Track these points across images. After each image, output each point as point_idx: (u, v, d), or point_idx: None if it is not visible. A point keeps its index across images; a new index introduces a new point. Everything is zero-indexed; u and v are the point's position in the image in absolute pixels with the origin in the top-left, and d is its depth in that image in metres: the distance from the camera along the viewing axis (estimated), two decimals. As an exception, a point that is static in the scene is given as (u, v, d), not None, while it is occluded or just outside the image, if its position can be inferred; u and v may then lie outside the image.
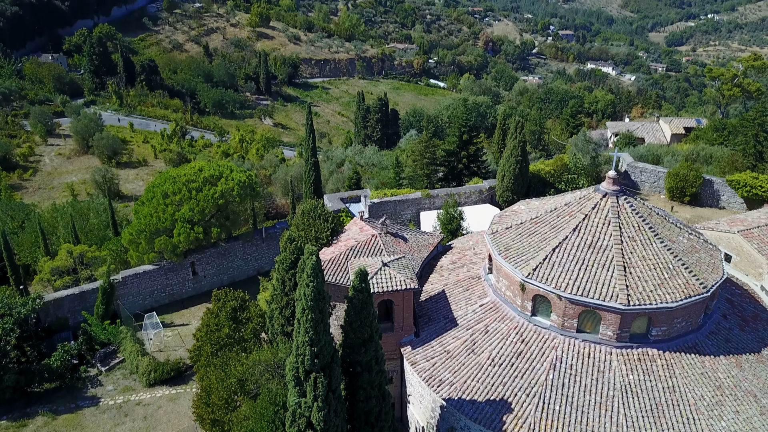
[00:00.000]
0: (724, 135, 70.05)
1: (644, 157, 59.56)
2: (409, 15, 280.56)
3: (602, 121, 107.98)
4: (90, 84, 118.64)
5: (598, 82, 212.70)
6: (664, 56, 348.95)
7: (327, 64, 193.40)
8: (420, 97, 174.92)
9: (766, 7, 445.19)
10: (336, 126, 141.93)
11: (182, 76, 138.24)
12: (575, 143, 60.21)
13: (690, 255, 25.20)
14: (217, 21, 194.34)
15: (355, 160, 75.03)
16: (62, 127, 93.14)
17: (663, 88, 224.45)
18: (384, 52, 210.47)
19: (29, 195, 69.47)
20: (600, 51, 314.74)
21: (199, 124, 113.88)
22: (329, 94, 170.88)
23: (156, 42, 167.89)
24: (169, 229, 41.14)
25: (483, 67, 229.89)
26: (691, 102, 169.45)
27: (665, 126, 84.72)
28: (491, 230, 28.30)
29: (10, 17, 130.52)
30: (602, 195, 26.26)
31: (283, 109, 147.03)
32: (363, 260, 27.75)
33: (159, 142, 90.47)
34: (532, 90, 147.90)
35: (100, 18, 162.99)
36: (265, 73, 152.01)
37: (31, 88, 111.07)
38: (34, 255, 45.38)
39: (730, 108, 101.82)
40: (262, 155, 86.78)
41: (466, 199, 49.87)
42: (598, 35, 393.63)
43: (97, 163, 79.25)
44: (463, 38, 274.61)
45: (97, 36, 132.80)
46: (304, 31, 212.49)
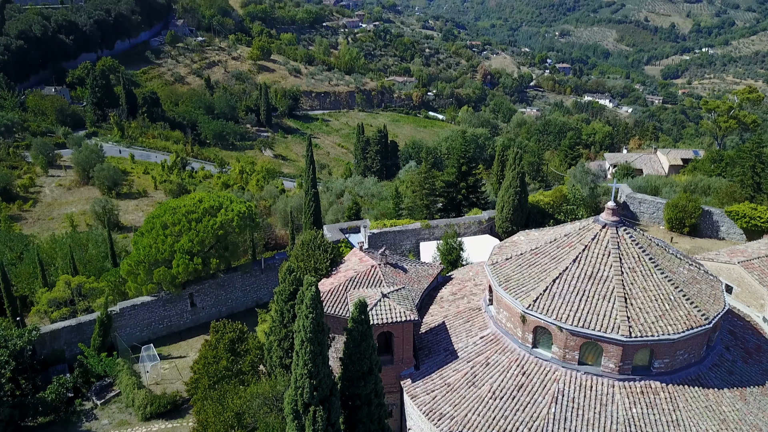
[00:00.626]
0: (721, 166, 70.40)
1: (643, 188, 59.77)
2: (408, 49, 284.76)
3: (600, 153, 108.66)
4: (92, 116, 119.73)
5: (595, 114, 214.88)
6: (660, 89, 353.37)
7: (327, 97, 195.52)
8: (419, 129, 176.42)
9: (759, 41, 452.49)
10: (336, 157, 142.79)
11: (183, 108, 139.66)
12: (574, 174, 60.49)
13: (691, 286, 25.08)
14: (218, 54, 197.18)
15: (354, 191, 75.25)
16: (63, 158, 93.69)
17: (660, 120, 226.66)
18: (383, 85, 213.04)
19: (29, 226, 69.45)
20: (597, 84, 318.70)
21: (200, 155, 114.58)
22: (329, 126, 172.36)
23: (158, 75, 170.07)
24: (168, 260, 40.99)
25: (481, 99, 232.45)
26: (687, 134, 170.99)
27: (663, 157, 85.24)
28: (491, 261, 28.23)
29: (15, 51, 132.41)
30: (602, 226, 26.27)
31: (284, 140, 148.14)
32: (362, 291, 27.59)
33: (159, 173, 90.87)
34: (530, 122, 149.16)
35: (103, 51, 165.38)
36: (265, 105, 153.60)
37: (34, 120, 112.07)
38: (32, 286, 45.12)
39: (727, 140, 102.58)
40: (262, 186, 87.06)
41: (465, 230, 49.86)
42: (595, 68, 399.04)
43: (97, 194, 79.45)
44: (462, 71, 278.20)
45: (100, 69, 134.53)
46: (305, 64, 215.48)
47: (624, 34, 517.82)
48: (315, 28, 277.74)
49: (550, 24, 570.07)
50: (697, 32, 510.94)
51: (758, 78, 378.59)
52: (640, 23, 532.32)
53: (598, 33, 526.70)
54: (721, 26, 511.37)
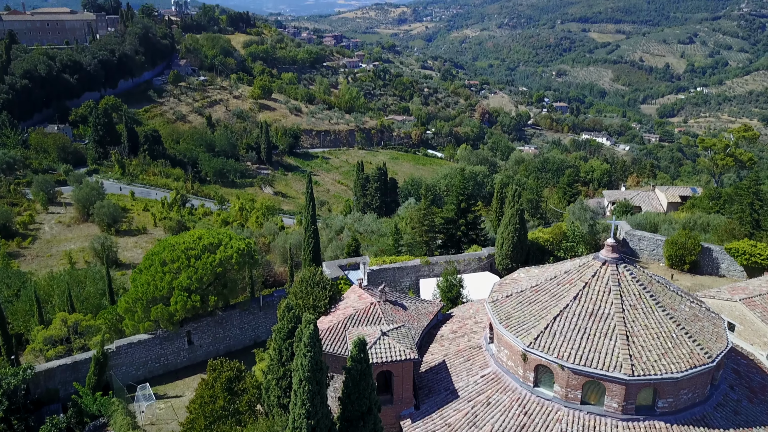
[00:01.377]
0: (720, 203, 70.65)
1: (642, 225, 59.84)
2: (407, 88, 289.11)
3: (599, 190, 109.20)
4: (93, 153, 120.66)
5: (593, 151, 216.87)
6: (656, 127, 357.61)
7: (327, 135, 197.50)
8: (418, 166, 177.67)
9: (753, 81, 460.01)
10: (335, 194, 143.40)
11: (184, 145, 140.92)
12: (573, 211, 60.66)
13: (693, 324, 24.87)
14: (220, 93, 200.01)
15: (354, 228, 75.28)
16: (64, 195, 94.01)
17: (657, 157, 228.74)
18: (383, 124, 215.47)
19: (27, 263, 69.21)
20: (594, 122, 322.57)
21: (200, 192, 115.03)
22: (329, 163, 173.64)
23: (160, 113, 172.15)
24: (166, 298, 40.72)
25: (480, 137, 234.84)
26: (685, 171, 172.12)
27: (661, 194, 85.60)
28: (491, 298, 28.05)
29: (20, 90, 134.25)
30: (602, 263, 26.20)
31: (284, 178, 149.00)
32: (361, 329, 27.33)
33: (159, 210, 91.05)
34: (529, 159, 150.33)
35: (106, 90, 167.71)
36: (266, 143, 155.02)
37: (36, 157, 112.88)
38: (28, 324, 44.70)
39: (724, 177, 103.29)
40: (262, 223, 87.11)
41: (465, 267, 49.70)
42: (592, 107, 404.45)
43: (96, 231, 79.42)
44: (460, 110, 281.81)
45: (102, 107, 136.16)
46: (306, 103, 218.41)
47: (620, 74, 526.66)
48: (315, 68, 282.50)
49: (547, 64, 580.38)
50: (692, 72, 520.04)
51: (753, 116, 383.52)
52: (635, 63, 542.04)
53: (594, 73, 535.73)
54: (715, 66, 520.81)
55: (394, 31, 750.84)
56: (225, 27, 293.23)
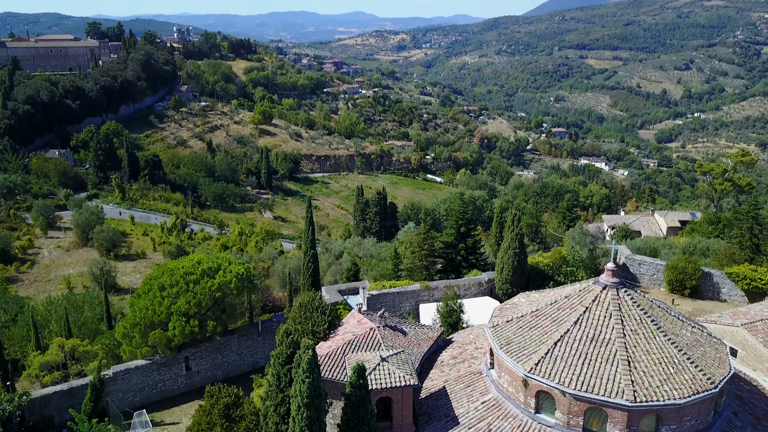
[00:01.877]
0: (719, 228, 70.64)
1: (642, 249, 59.77)
2: (407, 114, 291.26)
3: (598, 215, 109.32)
4: (94, 178, 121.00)
5: (592, 176, 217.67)
6: (654, 152, 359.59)
7: (327, 160, 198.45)
8: (417, 191, 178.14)
9: (749, 106, 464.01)
10: (335, 219, 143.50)
11: (185, 170, 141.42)
12: (572, 236, 60.62)
13: (695, 349, 24.68)
14: (221, 118, 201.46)
15: (353, 252, 75.17)
16: (63, 220, 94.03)
17: (656, 182, 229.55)
18: (383, 149, 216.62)
19: (25, 288, 68.92)
20: (592, 147, 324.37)
21: (200, 217, 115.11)
22: (329, 188, 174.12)
23: (161, 138, 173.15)
24: (165, 323, 40.47)
25: (479, 162, 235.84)
26: (684, 196, 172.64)
27: (660, 219, 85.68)
28: (492, 323, 27.88)
29: (22, 115, 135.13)
30: (602, 287, 26.10)
31: (284, 202, 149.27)
32: (361, 355, 27.10)
33: (159, 234, 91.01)
34: (528, 184, 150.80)
35: (108, 116, 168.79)
36: (266, 168, 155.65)
37: (36, 182, 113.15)
38: (25, 349, 44.34)
39: (723, 202, 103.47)
40: (261, 248, 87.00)
41: (465, 292, 49.49)
42: (590, 132, 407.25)
43: (95, 255, 79.25)
44: (459, 135, 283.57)
45: (104, 132, 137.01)
46: (306, 128, 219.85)
47: (617, 100, 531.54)
48: (316, 94, 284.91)
49: (545, 90, 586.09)
50: (689, 98, 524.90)
51: (750, 142, 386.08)
52: (633, 89, 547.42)
53: (592, 99, 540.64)
54: (711, 92, 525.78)
55: (393, 57, 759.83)
56: (226, 54, 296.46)
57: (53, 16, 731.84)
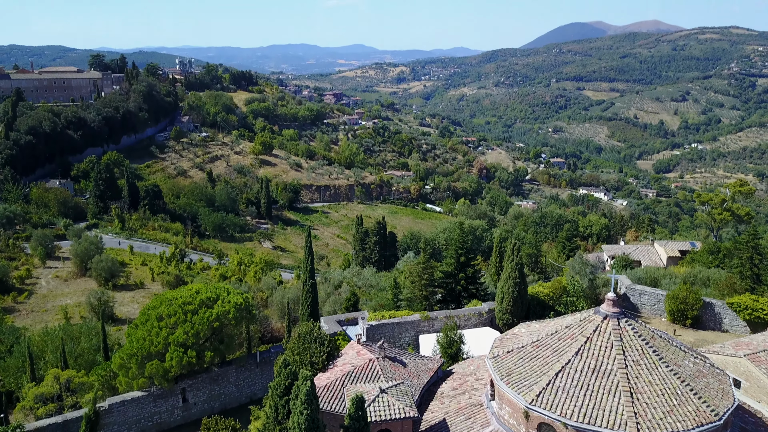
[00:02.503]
0: (719, 258, 70.48)
1: (642, 279, 59.53)
2: (406, 145, 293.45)
3: (598, 245, 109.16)
4: (94, 208, 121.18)
5: (591, 206, 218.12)
6: (653, 182, 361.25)
7: (327, 190, 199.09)
8: (417, 220, 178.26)
9: (746, 137, 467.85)
10: (335, 248, 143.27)
11: (185, 200, 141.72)
12: (572, 266, 60.43)
13: (698, 380, 24.39)
14: (221, 149, 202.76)
15: (352, 282, 74.86)
16: (62, 249, 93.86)
17: (655, 212, 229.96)
18: (382, 179, 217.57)
19: (22, 318, 68.43)
20: (591, 177, 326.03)
21: (199, 247, 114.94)
22: (329, 218, 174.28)
23: (162, 168, 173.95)
24: (162, 353, 40.06)
25: (478, 192, 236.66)
26: (683, 226, 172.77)
27: (660, 249, 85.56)
28: (492, 354, 27.60)
29: (24, 146, 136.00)
30: (603, 317, 25.92)
31: (283, 232, 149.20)
32: (360, 386, 26.77)
33: (157, 264, 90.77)
34: (527, 214, 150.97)
35: (109, 146, 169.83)
36: (266, 198, 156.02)
37: (36, 212, 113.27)
38: (19, 381, 43.80)
39: (722, 232, 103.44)
40: (260, 278, 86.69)
41: (465, 322, 49.12)
42: (588, 163, 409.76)
43: (94, 285, 78.91)
44: (458, 166, 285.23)
45: (105, 163, 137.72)
46: (306, 158, 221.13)
47: (615, 131, 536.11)
48: (316, 125, 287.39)
49: (543, 121, 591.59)
50: (686, 129, 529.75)
51: (748, 172, 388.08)
52: (630, 120, 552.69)
53: (590, 129, 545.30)
54: (708, 123, 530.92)
55: (393, 89, 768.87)
56: (228, 85, 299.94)
57: (57, 48, 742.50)
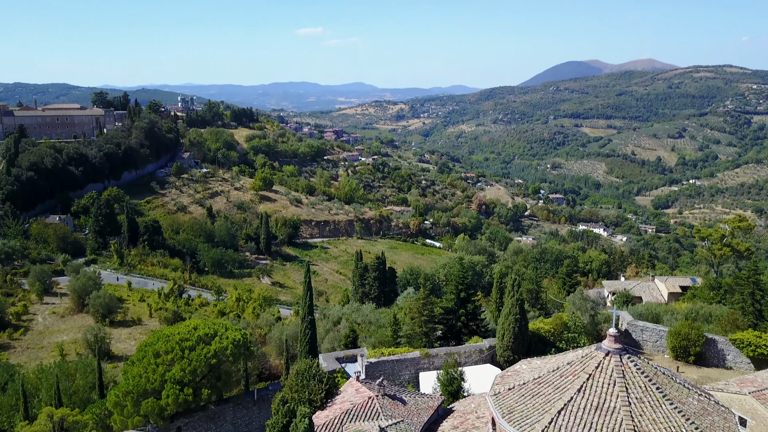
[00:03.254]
0: (720, 293, 70.13)
1: (643, 315, 59.09)
2: (406, 180, 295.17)
3: (598, 281, 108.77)
4: (93, 243, 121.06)
5: (590, 242, 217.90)
6: (652, 218, 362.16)
7: (327, 225, 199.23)
8: (417, 256, 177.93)
9: (743, 173, 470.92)
10: (334, 284, 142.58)
11: (184, 236, 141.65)
12: (573, 302, 60.12)
13: (702, 418, 23.98)
14: (222, 185, 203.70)
15: (352, 318, 74.25)
16: (60, 285, 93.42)
17: (655, 248, 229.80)
18: (382, 214, 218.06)
19: (17, 355, 67.65)
20: (590, 213, 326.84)
21: (197, 283, 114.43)
22: (328, 253, 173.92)
23: (162, 204, 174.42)
24: (158, 391, 39.44)
25: (477, 228, 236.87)
26: (683, 262, 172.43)
27: (661, 285, 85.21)
28: (493, 391, 27.20)
29: (25, 182, 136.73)
30: (605, 353, 25.63)
31: (282, 268, 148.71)
32: (359, 425, 26.31)
33: (155, 300, 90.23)
34: (527, 250, 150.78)
35: (110, 182, 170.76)
36: (265, 234, 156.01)
37: (35, 247, 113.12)
38: (12, 419, 43.01)
39: (723, 267, 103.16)
40: (258, 314, 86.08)
41: (466, 359, 48.55)
42: (587, 199, 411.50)
43: (90, 322, 78.26)
44: (457, 201, 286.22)
45: (105, 198, 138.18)
46: (306, 194, 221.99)
47: (613, 167, 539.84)
48: (316, 161, 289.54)
49: (542, 157, 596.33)
50: (683, 165, 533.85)
51: (746, 208, 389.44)
52: (628, 156, 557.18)
53: (588, 165, 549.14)
54: (705, 159, 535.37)
55: (392, 126, 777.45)
56: (229, 122, 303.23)
57: (62, 86, 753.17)
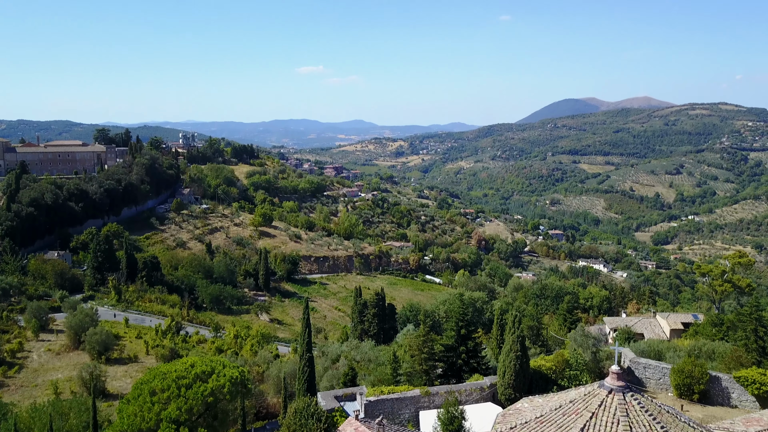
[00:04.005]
0: (723, 330, 69.55)
1: (646, 352, 58.43)
2: (405, 216, 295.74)
3: (599, 317, 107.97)
4: (91, 279, 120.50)
5: (591, 278, 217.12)
6: (652, 254, 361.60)
7: (326, 261, 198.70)
8: (416, 292, 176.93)
9: (742, 209, 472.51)
10: (332, 321, 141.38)
11: (183, 272, 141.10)
12: (574, 338, 59.50)
13: (709, 458, 23.47)
14: (221, 221, 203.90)
15: (351, 356, 73.38)
16: (56, 322, 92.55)
17: (655, 284, 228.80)
18: (381, 250, 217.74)
19: (10, 393, 66.58)
20: (590, 249, 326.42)
21: (195, 319, 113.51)
22: (327, 289, 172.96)
23: (161, 240, 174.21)
24: (153, 430, 38.69)
25: (477, 264, 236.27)
26: (684, 298, 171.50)
27: (663, 321, 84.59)
28: (495, 431, 26.69)
29: (25, 217, 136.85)
30: (608, 391, 25.24)
31: (281, 304, 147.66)
32: (358, 465, 25.72)
33: (152, 337, 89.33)
34: (527, 286, 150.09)
35: (110, 217, 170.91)
36: (264, 270, 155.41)
37: (33, 283, 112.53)
38: (4, 460, 42.12)
39: (724, 304, 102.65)
40: (256, 351, 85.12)
41: (467, 397, 47.79)
42: (587, 234, 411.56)
43: (86, 359, 77.26)
44: (457, 237, 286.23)
45: (104, 234, 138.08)
46: (305, 230, 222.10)
47: (612, 203, 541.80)
48: (316, 197, 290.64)
49: (540, 193, 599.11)
50: (682, 201, 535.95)
51: (746, 244, 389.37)
52: (626, 192, 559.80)
53: (587, 201, 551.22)
54: (704, 196, 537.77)
55: (392, 162, 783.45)
56: (229, 158, 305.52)
57: (64, 123, 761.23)
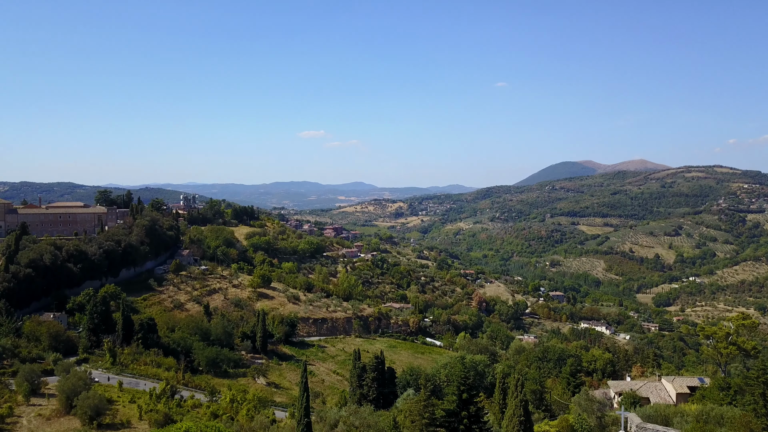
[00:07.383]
0: (731, 394, 68.13)
1: (652, 417, 56.98)
2: (405, 277, 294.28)
3: (603, 381, 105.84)
4: (86, 342, 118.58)
5: (593, 340, 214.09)
6: (654, 316, 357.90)
7: (324, 323, 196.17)
8: (416, 355, 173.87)
9: (743, 270, 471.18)
10: (330, 385, 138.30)
11: (179, 334, 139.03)
12: (578, 403, 58.22)
13: None
14: (220, 282, 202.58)
15: (349, 421, 71.40)
16: (49, 385, 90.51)
17: (659, 347, 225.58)
18: (380, 311, 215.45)
19: (-3, 461, 64.40)
20: (591, 311, 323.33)
21: (191, 383, 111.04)
22: (325, 352, 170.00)
23: (158, 301, 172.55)
24: (143, 501, 37.22)
25: (478, 325, 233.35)
26: (689, 361, 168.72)
27: (668, 385, 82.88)
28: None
29: (22, 279, 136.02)
30: (615, 458, 24.45)
31: (278, 367, 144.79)
32: None
33: (146, 402, 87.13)
34: (529, 349, 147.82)
35: (108, 279, 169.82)
36: (262, 332, 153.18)
37: (26, 346, 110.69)
38: None
39: (730, 367, 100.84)
40: (253, 416, 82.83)
41: (468, 465, 46.17)
42: (588, 296, 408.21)
43: (77, 424, 75.18)
44: (457, 298, 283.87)
45: (101, 296, 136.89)
46: (304, 291, 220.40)
47: (612, 264, 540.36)
48: (316, 258, 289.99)
49: (540, 255, 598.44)
50: (682, 262, 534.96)
51: (749, 305, 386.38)
52: (626, 254, 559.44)
53: (587, 263, 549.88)
54: (704, 257, 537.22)
55: (391, 223, 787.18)
56: (230, 220, 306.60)
57: (67, 185, 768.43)
